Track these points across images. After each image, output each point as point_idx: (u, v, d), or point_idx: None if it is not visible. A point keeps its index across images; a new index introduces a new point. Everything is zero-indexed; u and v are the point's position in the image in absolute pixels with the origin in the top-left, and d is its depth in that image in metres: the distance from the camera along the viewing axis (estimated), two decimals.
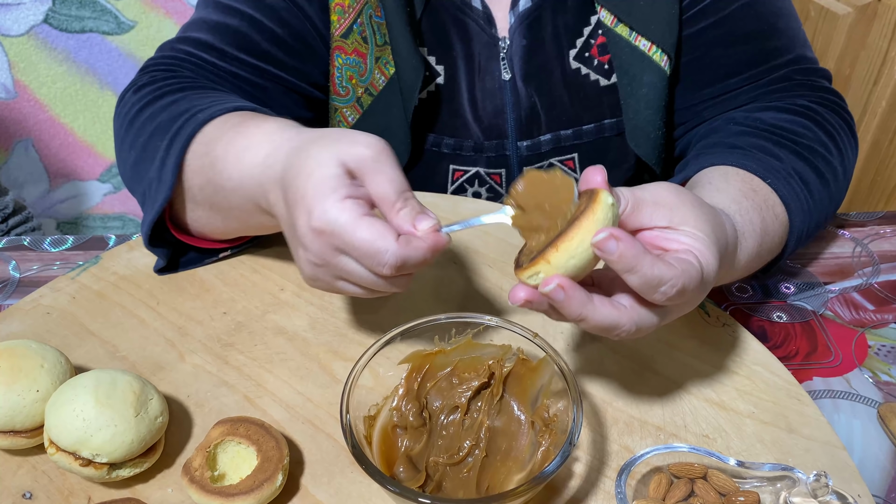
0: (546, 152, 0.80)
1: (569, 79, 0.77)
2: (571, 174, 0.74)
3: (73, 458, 0.49)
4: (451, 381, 0.56)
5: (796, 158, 0.66)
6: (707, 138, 0.73)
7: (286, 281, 0.68)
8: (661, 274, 0.45)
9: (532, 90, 0.77)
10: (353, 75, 0.75)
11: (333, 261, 0.49)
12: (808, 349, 0.65)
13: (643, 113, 0.76)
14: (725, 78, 0.76)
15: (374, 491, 0.52)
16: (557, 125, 0.79)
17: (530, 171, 0.50)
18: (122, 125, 0.68)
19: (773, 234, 0.61)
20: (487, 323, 0.55)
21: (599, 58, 0.77)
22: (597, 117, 0.79)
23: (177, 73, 0.69)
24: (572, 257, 0.44)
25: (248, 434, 0.51)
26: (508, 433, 0.54)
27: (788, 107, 0.72)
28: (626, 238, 0.43)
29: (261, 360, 0.60)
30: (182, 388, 0.58)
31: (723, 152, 0.66)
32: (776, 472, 0.50)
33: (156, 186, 0.61)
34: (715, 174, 0.63)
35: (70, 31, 1.45)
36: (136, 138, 0.65)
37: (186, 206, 0.63)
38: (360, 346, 0.60)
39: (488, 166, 0.80)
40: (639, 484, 0.51)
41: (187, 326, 0.63)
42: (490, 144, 0.79)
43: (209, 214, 0.62)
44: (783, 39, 0.75)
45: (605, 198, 0.45)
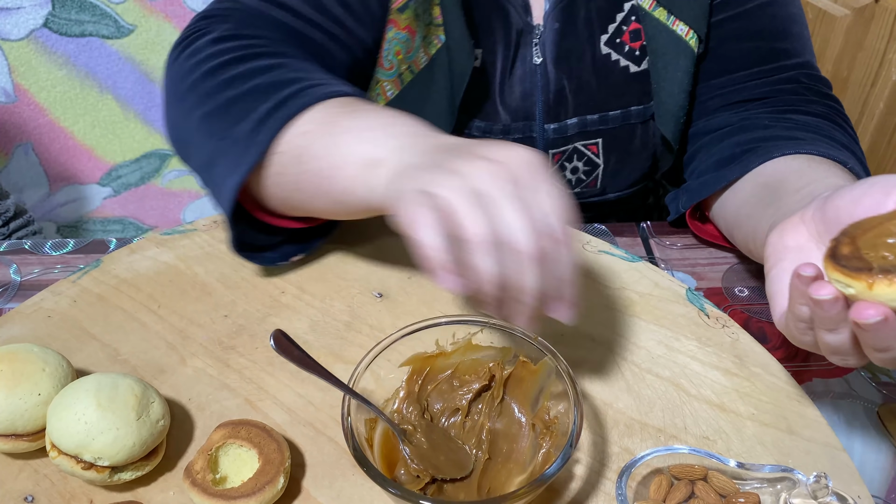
0: (571, 136, 0.81)
1: (598, 64, 0.78)
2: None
3: (75, 461, 0.50)
4: (452, 383, 0.56)
5: (847, 152, 0.67)
6: (738, 135, 0.73)
7: (287, 284, 0.68)
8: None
9: (562, 73, 0.78)
10: (400, 50, 0.74)
11: (494, 191, 0.43)
12: (807, 350, 0.65)
13: (676, 97, 0.77)
14: (734, 71, 0.77)
15: (376, 494, 0.52)
16: (584, 109, 0.80)
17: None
18: (191, 72, 0.63)
19: None
20: (488, 325, 0.55)
21: (631, 44, 0.78)
22: (624, 104, 0.80)
23: (258, 31, 0.66)
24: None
25: (249, 437, 0.51)
26: (509, 435, 0.54)
27: (810, 111, 0.73)
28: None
29: (262, 363, 0.61)
30: (183, 392, 0.58)
31: (786, 142, 0.66)
32: (776, 473, 0.50)
33: (243, 146, 0.57)
34: (800, 162, 0.63)
35: (70, 34, 1.46)
36: (218, 91, 0.60)
37: (261, 175, 0.59)
38: (361, 349, 0.60)
39: None
40: (639, 486, 0.51)
41: (188, 329, 0.63)
42: (517, 126, 0.79)
43: (289, 192, 0.59)
44: (795, 43, 0.76)
45: None
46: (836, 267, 0.42)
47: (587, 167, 0.83)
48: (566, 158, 0.82)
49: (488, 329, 0.55)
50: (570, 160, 0.82)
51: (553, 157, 0.82)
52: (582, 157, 0.82)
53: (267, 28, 0.68)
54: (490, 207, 0.43)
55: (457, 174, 0.44)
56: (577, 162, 0.83)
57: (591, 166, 0.83)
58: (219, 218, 0.75)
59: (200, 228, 0.73)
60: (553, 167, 0.83)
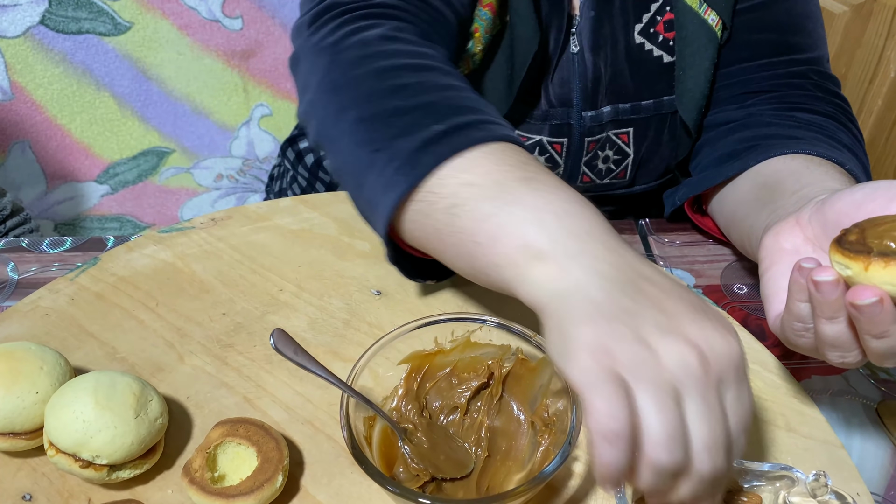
0: (605, 124, 0.81)
1: (632, 53, 0.78)
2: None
3: (73, 459, 0.49)
4: (451, 381, 0.56)
5: (848, 153, 0.67)
6: (741, 132, 0.73)
7: (285, 282, 0.68)
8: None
9: (598, 60, 0.78)
10: (479, 28, 0.73)
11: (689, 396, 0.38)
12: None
13: (702, 86, 0.77)
14: (745, 61, 0.77)
15: (375, 492, 0.52)
16: (617, 98, 0.80)
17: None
18: (358, 66, 0.56)
19: None
20: (487, 323, 0.55)
21: (665, 34, 0.78)
22: (656, 94, 0.80)
23: (404, 14, 0.62)
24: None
25: (248, 435, 0.51)
26: (508, 433, 0.54)
27: (817, 109, 0.73)
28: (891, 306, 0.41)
29: (260, 361, 0.60)
30: (181, 390, 0.58)
31: (786, 141, 0.66)
32: (775, 471, 0.50)
33: (405, 163, 0.50)
34: (797, 162, 0.63)
35: (67, 32, 1.45)
36: (384, 97, 0.54)
37: (405, 207, 0.51)
38: (360, 347, 0.60)
39: (551, 135, 0.81)
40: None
41: (186, 328, 0.63)
42: (556, 112, 0.79)
43: (427, 236, 0.52)
44: (808, 39, 0.77)
45: None
46: (838, 249, 0.43)
47: (617, 156, 0.84)
48: (599, 147, 0.82)
49: (487, 327, 0.55)
50: (603, 149, 0.83)
51: (588, 145, 0.82)
52: (613, 146, 0.83)
53: (413, 13, 0.63)
54: (680, 409, 0.38)
55: (649, 350, 0.38)
56: (609, 151, 0.83)
57: (622, 156, 0.84)
58: (217, 216, 0.75)
59: (198, 226, 0.73)
60: (587, 156, 0.83)
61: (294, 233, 0.73)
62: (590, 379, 0.37)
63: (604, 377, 0.37)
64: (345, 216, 0.75)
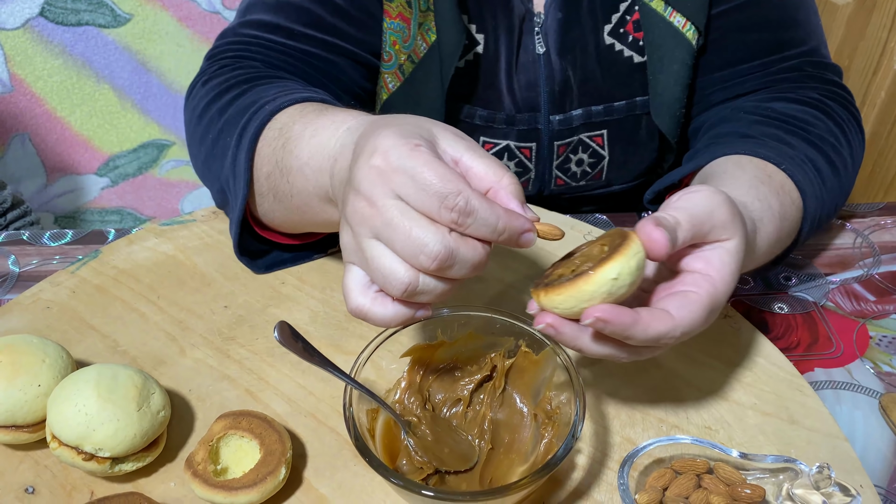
0: (577, 127, 0.80)
1: (602, 54, 0.77)
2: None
3: (76, 452, 0.49)
4: (454, 374, 0.56)
5: (808, 146, 0.66)
6: (717, 127, 0.73)
7: (287, 274, 0.67)
8: (656, 333, 0.45)
9: (566, 64, 0.77)
10: (396, 40, 0.74)
11: (381, 204, 0.42)
12: (809, 340, 0.65)
13: (672, 90, 0.76)
14: (737, 63, 0.76)
15: (378, 484, 0.52)
16: (589, 100, 0.79)
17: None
18: (191, 120, 0.68)
19: (791, 218, 0.61)
20: (489, 316, 0.54)
21: (634, 34, 0.77)
22: (629, 94, 0.79)
23: (243, 60, 0.69)
24: (580, 301, 0.44)
25: (250, 428, 0.51)
26: (511, 426, 0.54)
27: (799, 98, 0.72)
28: (614, 317, 0.43)
29: (262, 354, 0.60)
30: (183, 383, 0.58)
31: (735, 141, 0.66)
32: (779, 464, 0.50)
33: (233, 183, 0.61)
34: (728, 163, 0.63)
35: (66, 24, 1.44)
36: (206, 134, 0.65)
37: (255, 197, 0.62)
38: (362, 340, 0.60)
39: (519, 139, 0.80)
40: (641, 475, 0.51)
41: (188, 320, 0.63)
42: (522, 117, 0.79)
43: (272, 204, 0.61)
44: (800, 31, 0.75)
45: (635, 248, 0.44)
46: (532, 288, 0.47)
47: (592, 159, 0.83)
48: (571, 150, 0.82)
49: (490, 320, 0.54)
50: (576, 152, 0.82)
51: (558, 149, 0.81)
52: (587, 149, 0.82)
53: (262, 55, 0.69)
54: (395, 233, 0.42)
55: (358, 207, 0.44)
56: (583, 154, 0.82)
57: (597, 158, 0.83)
58: (218, 209, 0.74)
59: (199, 219, 0.73)
60: (558, 160, 0.82)
61: None
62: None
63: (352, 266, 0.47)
64: None
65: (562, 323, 0.45)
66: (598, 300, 0.43)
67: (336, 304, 0.65)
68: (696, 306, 0.47)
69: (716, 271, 0.48)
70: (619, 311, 0.44)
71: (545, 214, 0.74)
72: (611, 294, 0.44)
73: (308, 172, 0.55)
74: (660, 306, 0.47)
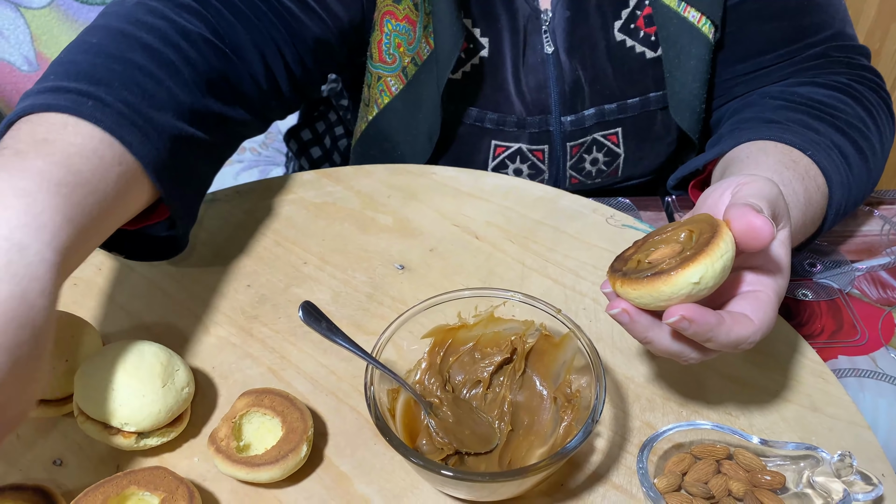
0: (590, 127, 0.79)
1: (613, 51, 0.76)
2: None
3: (102, 426, 0.50)
4: (474, 355, 0.56)
5: (834, 132, 0.65)
6: (741, 113, 0.72)
7: (309, 255, 0.68)
8: (738, 337, 0.44)
9: (576, 63, 0.76)
10: (401, 43, 0.73)
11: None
12: (833, 327, 0.65)
13: (690, 86, 0.75)
14: (759, 54, 0.74)
15: (397, 463, 0.52)
16: (601, 99, 0.78)
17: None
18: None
19: (816, 204, 0.61)
20: (510, 298, 0.54)
21: (646, 29, 0.75)
22: (642, 91, 0.78)
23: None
24: (657, 300, 0.44)
25: (273, 405, 0.52)
26: (530, 408, 0.54)
27: (826, 82, 0.70)
28: (699, 317, 0.43)
29: (285, 333, 0.61)
30: (207, 360, 0.59)
31: (759, 126, 0.65)
32: (800, 451, 0.50)
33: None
34: (752, 148, 0.62)
35: (91, 3, 1.45)
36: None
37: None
38: (383, 321, 0.60)
39: (531, 142, 0.79)
40: (660, 460, 0.51)
41: (212, 299, 0.64)
42: (533, 120, 0.78)
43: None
44: (822, 15, 0.73)
45: (723, 248, 0.43)
46: (610, 268, 0.48)
47: (607, 158, 0.82)
48: (585, 150, 0.80)
49: (511, 302, 0.55)
50: (590, 152, 0.81)
51: (571, 149, 0.80)
52: (602, 148, 0.81)
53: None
54: None
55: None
56: (597, 153, 0.81)
57: (612, 156, 0.82)
58: (241, 188, 0.75)
59: (222, 198, 0.74)
60: (571, 160, 0.81)
61: (317, 206, 0.73)
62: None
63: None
64: (368, 190, 0.75)
65: (637, 313, 0.45)
66: (675, 302, 0.43)
67: (357, 284, 0.65)
68: (769, 307, 0.46)
69: (776, 266, 0.47)
70: (703, 312, 0.43)
71: (566, 198, 0.74)
72: (690, 297, 0.43)
73: None
74: (733, 309, 0.46)
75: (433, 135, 0.77)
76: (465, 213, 0.72)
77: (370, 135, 0.81)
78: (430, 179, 0.76)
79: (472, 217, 0.72)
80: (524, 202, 0.73)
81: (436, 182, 0.76)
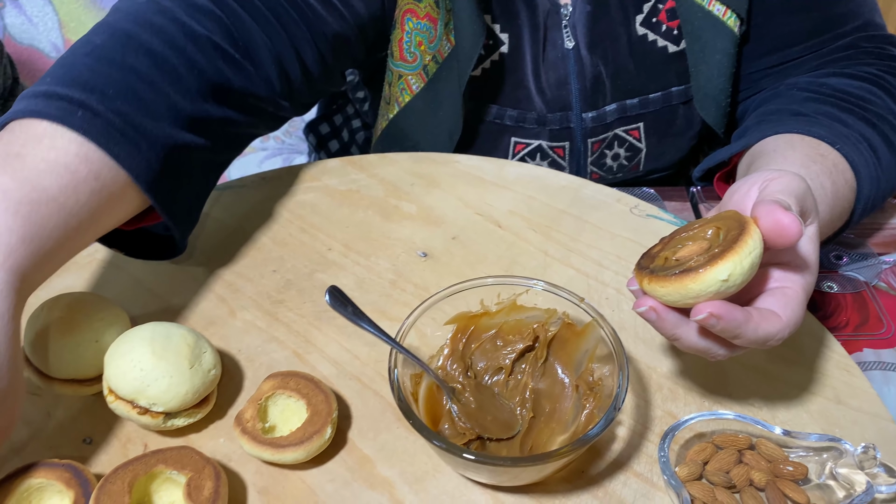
0: (611, 122, 0.79)
1: (635, 46, 0.75)
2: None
3: (131, 406, 0.51)
4: (496, 342, 0.57)
5: (864, 124, 0.64)
6: (767, 104, 0.71)
7: (333, 241, 0.68)
8: (766, 334, 0.44)
9: (597, 58, 0.75)
10: (422, 41, 0.73)
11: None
12: (858, 320, 0.64)
13: (715, 80, 0.74)
14: (786, 47, 0.73)
15: (420, 447, 0.53)
16: (623, 94, 0.77)
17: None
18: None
19: (844, 198, 0.60)
20: (533, 286, 0.55)
21: (668, 23, 0.75)
22: (664, 85, 0.77)
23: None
24: (685, 297, 0.44)
25: (298, 388, 0.53)
26: (552, 395, 0.55)
27: (855, 73, 0.69)
28: (727, 313, 0.43)
29: (309, 318, 0.62)
30: (233, 343, 0.60)
31: (787, 119, 0.65)
32: (823, 442, 0.49)
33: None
34: (780, 142, 0.61)
35: None
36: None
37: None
38: (405, 307, 0.61)
39: (551, 139, 0.79)
40: (682, 449, 0.51)
41: (237, 283, 0.65)
42: (554, 117, 0.77)
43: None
44: (850, 5, 0.72)
45: (751, 245, 0.43)
46: (637, 266, 0.48)
47: (629, 153, 0.81)
48: (606, 146, 0.80)
49: (534, 290, 0.55)
50: (611, 147, 0.80)
51: (592, 146, 0.80)
52: (623, 144, 0.80)
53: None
54: None
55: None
56: (619, 149, 0.81)
57: (633, 151, 0.81)
58: (267, 175, 0.76)
59: (249, 185, 0.74)
60: (592, 156, 0.81)
61: (342, 193, 0.74)
62: None
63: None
64: (392, 178, 0.75)
65: (665, 310, 0.45)
66: (703, 299, 0.43)
67: (380, 271, 0.66)
68: (797, 304, 0.46)
69: (804, 262, 0.46)
70: (731, 309, 0.43)
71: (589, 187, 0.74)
72: (718, 294, 0.43)
73: None
74: (761, 305, 0.46)
75: (454, 133, 0.77)
76: (488, 201, 0.73)
77: (391, 133, 0.82)
78: (453, 168, 0.76)
79: (495, 206, 0.72)
80: (547, 191, 0.73)
81: (459, 171, 0.76)
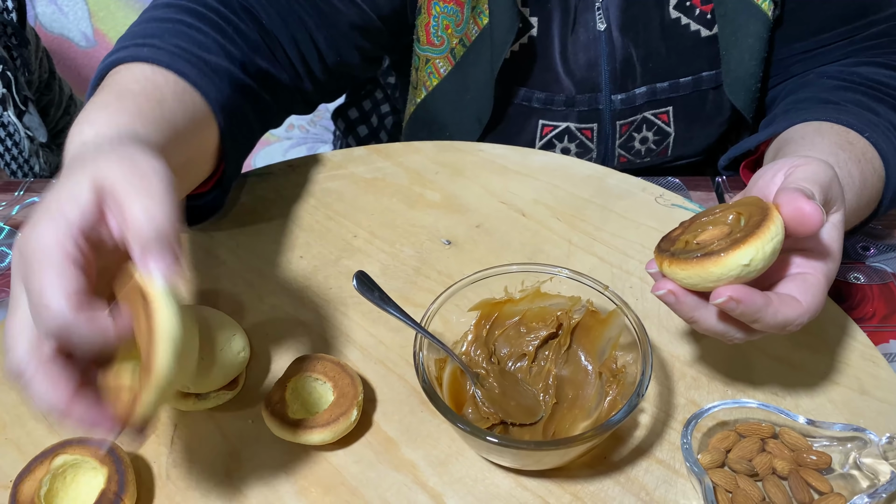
0: (640, 105, 0.78)
1: (667, 29, 0.75)
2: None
3: None
4: (519, 329, 0.57)
5: (894, 114, 0.63)
6: (796, 93, 0.70)
7: (359, 228, 0.69)
8: (785, 319, 0.44)
9: (628, 41, 0.75)
10: (449, 24, 0.73)
11: (15, 292, 0.39)
12: (885, 311, 0.64)
13: (746, 64, 0.73)
14: (819, 32, 0.73)
15: (443, 430, 0.54)
16: (653, 77, 0.77)
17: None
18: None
19: (872, 187, 0.60)
20: (557, 274, 0.55)
21: (702, 7, 0.74)
22: (695, 70, 0.77)
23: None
24: (705, 280, 0.44)
25: (325, 371, 0.54)
26: (575, 382, 0.55)
27: (888, 62, 0.69)
28: (747, 297, 0.43)
29: (335, 303, 0.63)
30: (261, 327, 0.61)
31: (815, 107, 0.64)
32: (847, 432, 0.49)
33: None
34: (808, 129, 0.61)
35: None
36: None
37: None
38: (430, 294, 0.61)
39: (579, 121, 0.79)
40: (704, 437, 0.52)
41: (265, 268, 0.66)
42: (583, 98, 0.77)
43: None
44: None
45: (773, 231, 0.43)
46: (656, 249, 0.48)
47: (657, 136, 0.81)
48: (635, 129, 0.80)
49: (558, 278, 0.55)
50: (640, 130, 0.80)
51: (621, 128, 0.79)
52: (651, 127, 0.80)
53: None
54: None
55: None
56: (647, 132, 0.80)
57: (662, 135, 0.81)
58: (294, 162, 0.77)
59: (276, 172, 0.75)
60: (620, 139, 0.81)
61: (367, 181, 0.74)
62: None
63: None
64: (416, 166, 0.76)
65: (684, 293, 0.45)
66: (723, 283, 0.43)
67: (405, 258, 0.66)
68: (817, 290, 0.46)
69: (826, 250, 0.47)
70: (751, 293, 0.43)
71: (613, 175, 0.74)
72: (739, 279, 0.43)
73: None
74: (781, 290, 0.46)
75: (482, 116, 0.77)
76: (512, 190, 0.73)
77: (419, 117, 0.82)
78: (477, 157, 0.77)
79: (519, 194, 0.72)
80: (572, 180, 0.74)
81: (483, 159, 0.76)
